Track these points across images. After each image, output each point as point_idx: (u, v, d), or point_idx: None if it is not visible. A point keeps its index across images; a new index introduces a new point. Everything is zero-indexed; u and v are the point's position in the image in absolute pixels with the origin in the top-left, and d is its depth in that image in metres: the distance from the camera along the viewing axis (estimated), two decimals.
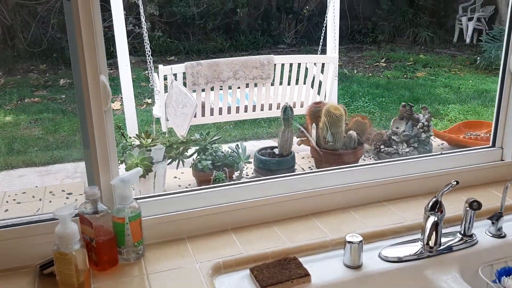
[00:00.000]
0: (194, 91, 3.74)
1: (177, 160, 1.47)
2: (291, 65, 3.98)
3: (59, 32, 7.84)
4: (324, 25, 4.40)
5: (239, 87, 3.89)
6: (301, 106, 4.14)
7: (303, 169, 1.65)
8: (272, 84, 3.93)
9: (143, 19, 3.79)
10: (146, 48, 3.81)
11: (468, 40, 9.14)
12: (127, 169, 1.41)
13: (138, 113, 5.47)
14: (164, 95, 3.78)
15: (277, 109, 4.09)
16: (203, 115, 3.88)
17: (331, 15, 4.27)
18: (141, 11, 3.79)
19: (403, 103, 1.76)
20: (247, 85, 3.88)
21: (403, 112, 1.74)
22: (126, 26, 7.91)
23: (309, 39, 9.36)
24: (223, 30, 8.89)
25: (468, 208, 1.15)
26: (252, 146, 4.61)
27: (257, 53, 8.65)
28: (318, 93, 4.17)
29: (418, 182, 1.35)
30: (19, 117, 5.44)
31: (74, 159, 4.32)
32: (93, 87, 0.98)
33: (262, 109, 4.04)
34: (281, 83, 3.96)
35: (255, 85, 3.90)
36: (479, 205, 1.12)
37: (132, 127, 4.09)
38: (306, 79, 4.04)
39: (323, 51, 4.67)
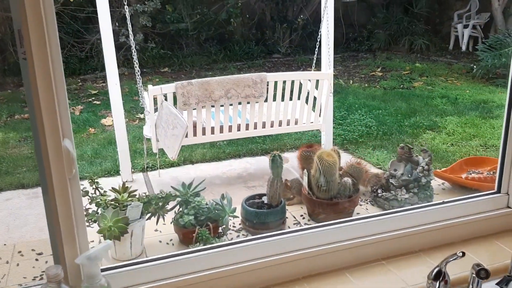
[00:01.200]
0: (185, 109, 3.64)
1: (157, 215, 1.36)
2: (284, 82, 3.89)
3: None
4: (318, 40, 4.31)
5: (231, 104, 3.79)
6: (296, 123, 4.05)
7: (294, 217, 1.55)
8: (266, 100, 3.83)
9: (131, 37, 3.68)
10: (136, 68, 3.70)
11: (463, 48, 9.08)
12: (99, 232, 1.30)
13: (131, 129, 5.36)
14: (154, 115, 3.67)
15: (271, 127, 3.99)
16: (194, 134, 3.78)
17: (325, 30, 4.18)
18: (130, 31, 3.68)
19: (401, 145, 1.65)
20: (239, 103, 3.79)
21: (401, 154, 1.63)
22: (119, 38, 7.83)
23: (304, 48, 9.28)
24: (217, 40, 8.81)
25: (474, 276, 1.05)
26: (247, 163, 4.51)
27: (251, 63, 8.56)
28: (313, 109, 4.08)
29: (419, 236, 1.24)
30: (8, 135, 5.31)
31: None
32: (54, 154, 0.87)
33: (255, 127, 3.93)
34: (274, 99, 3.86)
35: (248, 103, 3.80)
36: (487, 274, 1.02)
37: (122, 147, 3.99)
38: (300, 94, 3.95)
39: (318, 64, 4.57)
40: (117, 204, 1.30)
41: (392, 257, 1.23)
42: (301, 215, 1.56)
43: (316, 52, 4.34)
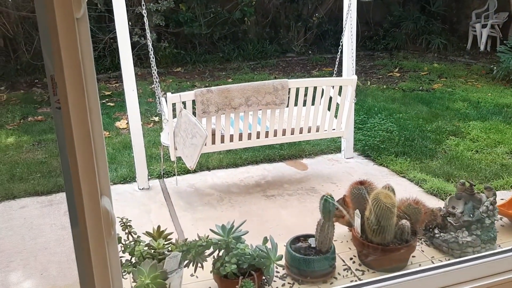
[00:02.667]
0: (204, 117, 3.53)
1: (195, 261, 1.25)
2: (306, 88, 3.77)
3: None
4: (340, 44, 4.17)
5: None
6: (317, 130, 3.93)
7: (343, 260, 1.42)
8: (287, 106, 3.72)
9: (149, 42, 3.57)
10: (154, 74, 3.60)
11: (482, 48, 8.88)
12: None
13: (145, 132, 5.26)
14: (172, 123, 3.56)
15: (292, 134, 3.88)
16: (213, 142, 3.68)
17: (347, 34, 4.05)
18: (148, 34, 3.57)
19: (461, 181, 1.51)
20: (259, 110, 3.68)
21: (461, 190, 1.49)
22: (132, 37, 7.74)
23: (319, 47, 9.14)
24: (230, 39, 8.69)
25: None
26: (264, 170, 4.39)
27: (265, 62, 8.43)
28: (335, 116, 3.96)
29: None
30: (21, 138, 5.24)
31: None
32: (91, 215, 0.76)
33: (275, 135, 3.83)
34: (296, 104, 3.74)
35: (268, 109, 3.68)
36: None
37: (139, 154, 3.90)
38: (322, 99, 3.82)
39: (333, 63, 4.42)
40: (153, 252, 1.19)
41: None
42: (351, 258, 1.43)
43: (338, 57, 4.20)
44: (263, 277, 1.29)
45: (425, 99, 6.12)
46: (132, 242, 1.22)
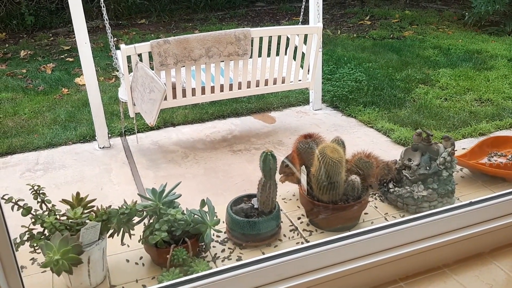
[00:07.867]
0: (163, 70, 3.34)
1: (121, 231, 1.11)
2: (270, 37, 3.59)
3: None
4: None
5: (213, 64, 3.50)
6: (283, 82, 3.79)
7: (290, 220, 1.32)
8: (251, 57, 3.55)
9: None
10: (106, 25, 3.36)
11: None
12: (44, 266, 1.04)
13: (107, 88, 5.03)
14: (128, 77, 3.37)
15: (257, 86, 3.73)
16: (174, 97, 3.51)
17: None
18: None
19: (418, 131, 1.39)
20: (221, 62, 3.50)
21: (418, 141, 1.37)
22: None
23: None
24: None
25: None
26: (231, 125, 4.26)
27: (233, 12, 8.13)
28: (301, 66, 3.81)
29: (444, 250, 1.02)
30: None
31: (35, 147, 3.94)
32: None
33: (239, 87, 3.67)
34: (260, 55, 3.57)
35: (231, 61, 3.51)
36: None
37: (97, 111, 3.71)
38: (287, 49, 3.66)
39: (305, 13, 4.23)
40: (70, 222, 1.05)
41: (411, 277, 1.01)
42: (298, 218, 1.32)
43: (303, 5, 4.00)
44: (201, 244, 1.18)
45: (395, 47, 5.99)
46: (46, 212, 1.09)
